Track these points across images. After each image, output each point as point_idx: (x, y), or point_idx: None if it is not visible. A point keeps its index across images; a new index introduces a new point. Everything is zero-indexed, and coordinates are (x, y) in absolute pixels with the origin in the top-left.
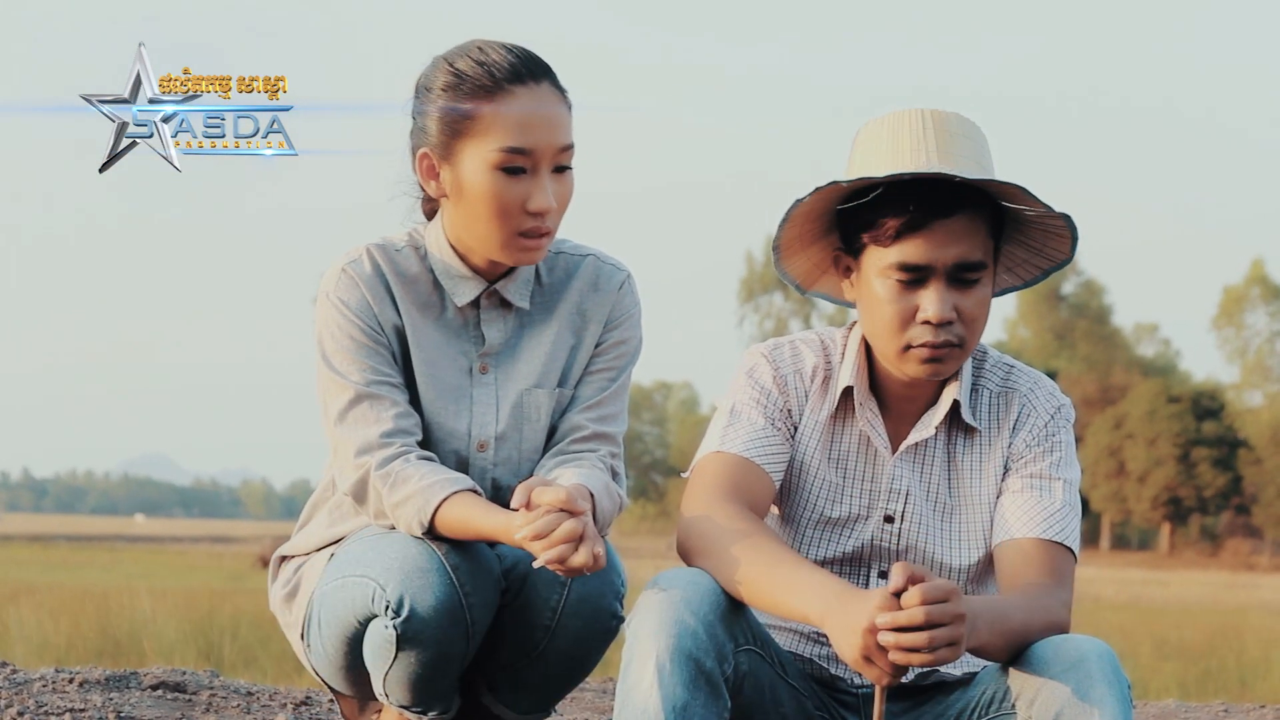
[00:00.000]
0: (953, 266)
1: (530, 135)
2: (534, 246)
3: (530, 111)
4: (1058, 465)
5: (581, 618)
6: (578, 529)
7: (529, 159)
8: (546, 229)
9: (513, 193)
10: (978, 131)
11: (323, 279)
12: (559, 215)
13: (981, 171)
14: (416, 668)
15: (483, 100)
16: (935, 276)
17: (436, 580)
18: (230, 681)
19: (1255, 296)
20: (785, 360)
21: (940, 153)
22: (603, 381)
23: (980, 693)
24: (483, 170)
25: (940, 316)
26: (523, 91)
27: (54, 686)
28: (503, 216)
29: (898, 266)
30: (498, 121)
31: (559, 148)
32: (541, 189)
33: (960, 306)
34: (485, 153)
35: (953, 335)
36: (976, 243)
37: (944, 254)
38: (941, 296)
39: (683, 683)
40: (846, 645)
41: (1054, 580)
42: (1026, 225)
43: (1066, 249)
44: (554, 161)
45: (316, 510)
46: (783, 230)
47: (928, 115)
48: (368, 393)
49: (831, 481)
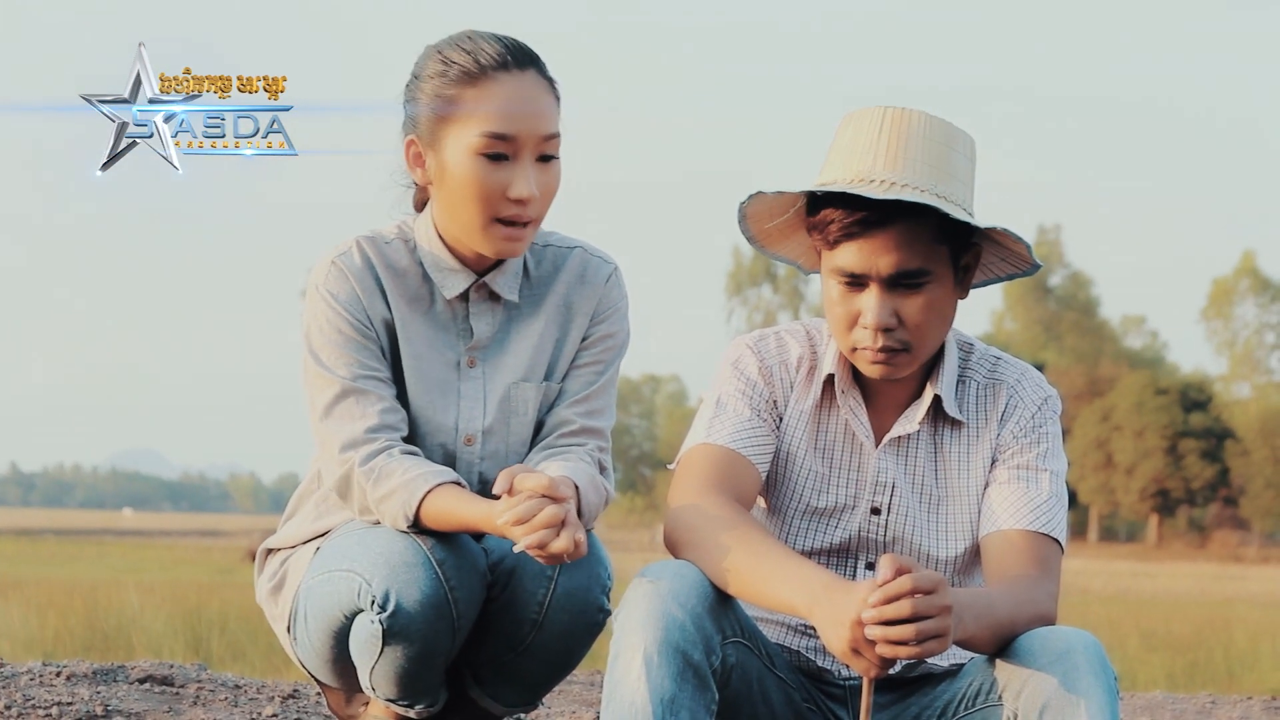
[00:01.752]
0: (890, 275)
1: (513, 122)
2: (515, 236)
3: (513, 98)
4: (1044, 456)
5: (568, 611)
6: (559, 515)
7: (511, 145)
8: (528, 217)
9: (494, 179)
10: (949, 134)
11: (312, 271)
12: (543, 205)
13: (935, 177)
14: (403, 662)
15: (467, 86)
16: (874, 283)
17: (422, 575)
18: (218, 674)
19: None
20: (770, 351)
21: (889, 157)
22: (590, 375)
23: (967, 684)
24: (465, 155)
25: (876, 323)
26: (507, 79)
27: (41, 680)
28: (483, 202)
29: (838, 271)
30: (481, 107)
31: (542, 136)
32: (523, 176)
33: (903, 312)
34: (468, 138)
35: (894, 340)
36: (916, 250)
37: (879, 262)
38: (880, 303)
39: (670, 675)
40: (834, 638)
41: (1040, 572)
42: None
43: (1027, 256)
44: (537, 150)
45: (303, 503)
46: (747, 227)
47: (890, 116)
48: (354, 387)
49: (817, 472)
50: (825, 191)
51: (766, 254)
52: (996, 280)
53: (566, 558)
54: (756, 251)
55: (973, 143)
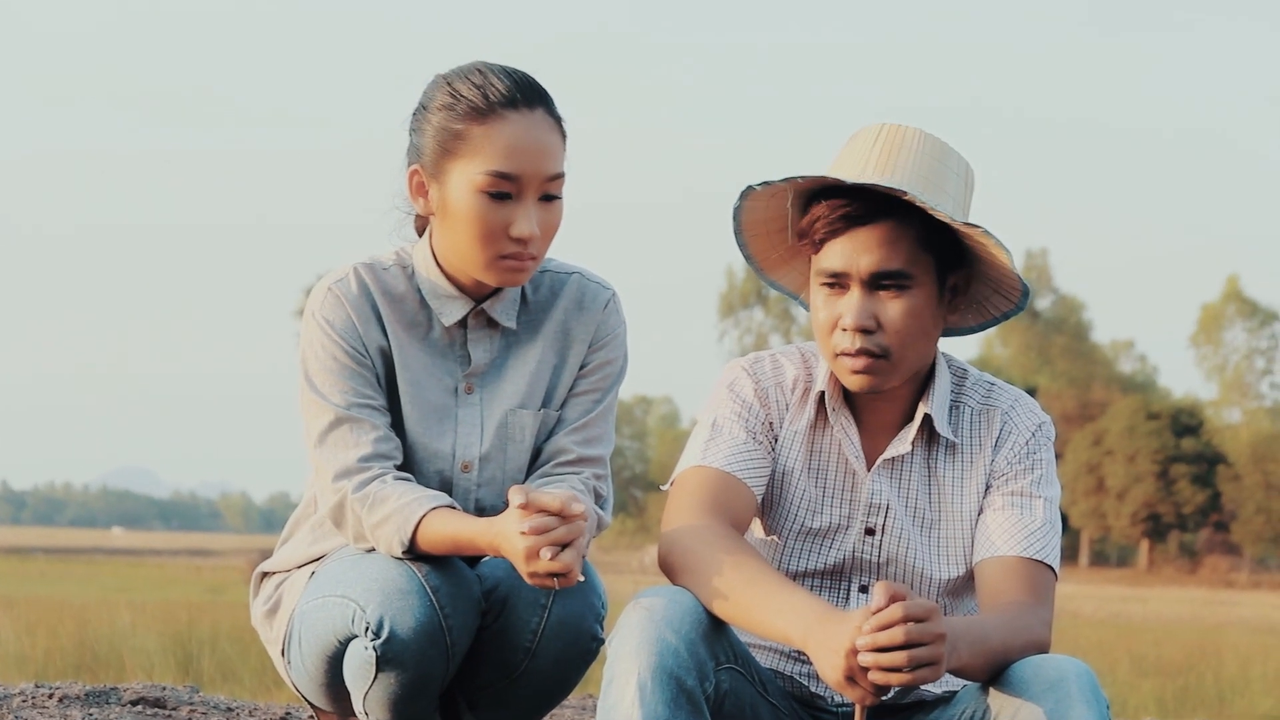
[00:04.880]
0: (871, 275)
1: (517, 161)
2: (518, 269)
3: (519, 137)
4: (1038, 483)
5: (562, 640)
6: (573, 533)
7: (515, 185)
8: (529, 255)
9: (496, 217)
10: (942, 151)
11: (309, 297)
12: (544, 243)
13: (921, 186)
14: (396, 688)
15: (474, 122)
16: (854, 283)
17: (416, 602)
18: (210, 697)
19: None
20: (766, 373)
21: (879, 166)
22: (588, 403)
23: (960, 711)
24: (469, 192)
25: (854, 323)
26: (515, 117)
27: (34, 702)
28: (485, 240)
29: (822, 273)
30: (487, 145)
31: (546, 176)
32: (525, 215)
33: (882, 316)
34: (472, 175)
35: (873, 344)
36: (898, 252)
37: (860, 260)
38: (859, 304)
39: (664, 701)
40: (828, 666)
41: (1034, 599)
42: (984, 263)
43: (1011, 273)
44: (541, 189)
45: (298, 527)
46: (745, 244)
47: (887, 130)
48: (348, 415)
49: (811, 493)
50: (806, 179)
51: (765, 279)
52: (993, 322)
53: (558, 583)
54: (755, 274)
55: (968, 166)
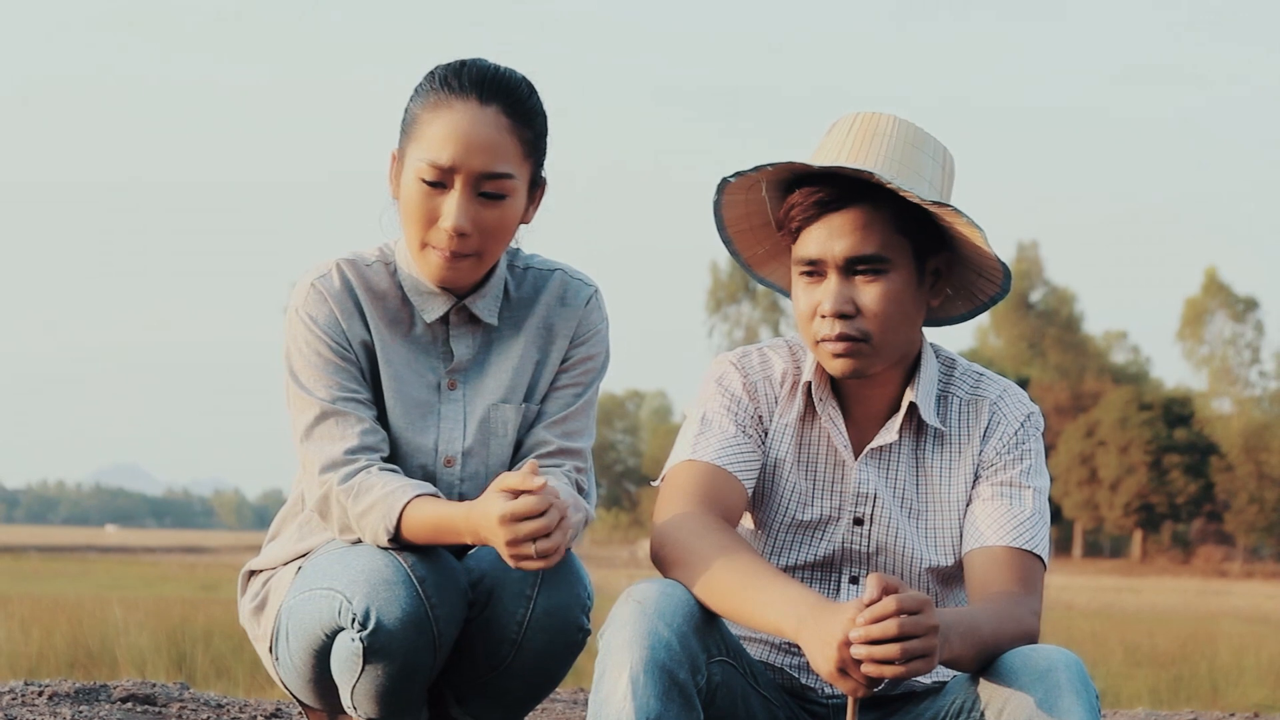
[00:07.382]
0: (846, 259)
1: (450, 151)
2: (450, 265)
3: (457, 127)
4: (1028, 473)
5: (548, 631)
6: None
7: (448, 175)
8: (464, 250)
9: (428, 204)
10: (918, 137)
11: (292, 293)
12: (487, 242)
13: (894, 170)
14: (384, 680)
15: (426, 109)
16: (831, 270)
17: (403, 593)
18: (200, 694)
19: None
20: (754, 367)
21: (853, 152)
22: (569, 397)
23: (950, 701)
24: (411, 176)
25: (832, 308)
26: (460, 107)
27: (23, 699)
28: (416, 226)
29: (800, 261)
30: (428, 131)
31: (481, 172)
32: (453, 207)
33: (860, 300)
34: (415, 160)
35: (853, 329)
36: (872, 235)
37: (835, 246)
38: (836, 289)
39: (656, 694)
40: (821, 658)
41: (1024, 589)
42: (962, 245)
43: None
44: (478, 185)
45: (285, 524)
46: (730, 240)
47: (861, 118)
48: (333, 409)
49: (801, 485)
50: (775, 167)
51: (754, 276)
52: (982, 307)
53: (544, 562)
54: (742, 270)
55: (946, 152)
